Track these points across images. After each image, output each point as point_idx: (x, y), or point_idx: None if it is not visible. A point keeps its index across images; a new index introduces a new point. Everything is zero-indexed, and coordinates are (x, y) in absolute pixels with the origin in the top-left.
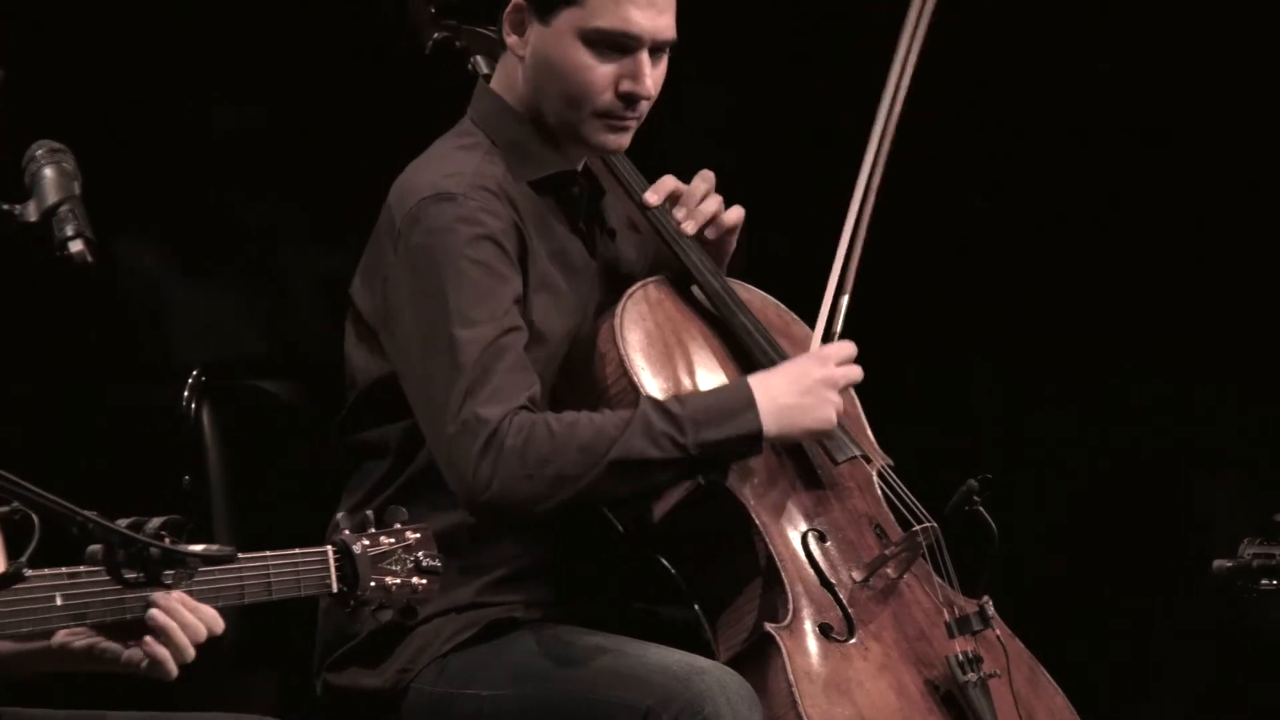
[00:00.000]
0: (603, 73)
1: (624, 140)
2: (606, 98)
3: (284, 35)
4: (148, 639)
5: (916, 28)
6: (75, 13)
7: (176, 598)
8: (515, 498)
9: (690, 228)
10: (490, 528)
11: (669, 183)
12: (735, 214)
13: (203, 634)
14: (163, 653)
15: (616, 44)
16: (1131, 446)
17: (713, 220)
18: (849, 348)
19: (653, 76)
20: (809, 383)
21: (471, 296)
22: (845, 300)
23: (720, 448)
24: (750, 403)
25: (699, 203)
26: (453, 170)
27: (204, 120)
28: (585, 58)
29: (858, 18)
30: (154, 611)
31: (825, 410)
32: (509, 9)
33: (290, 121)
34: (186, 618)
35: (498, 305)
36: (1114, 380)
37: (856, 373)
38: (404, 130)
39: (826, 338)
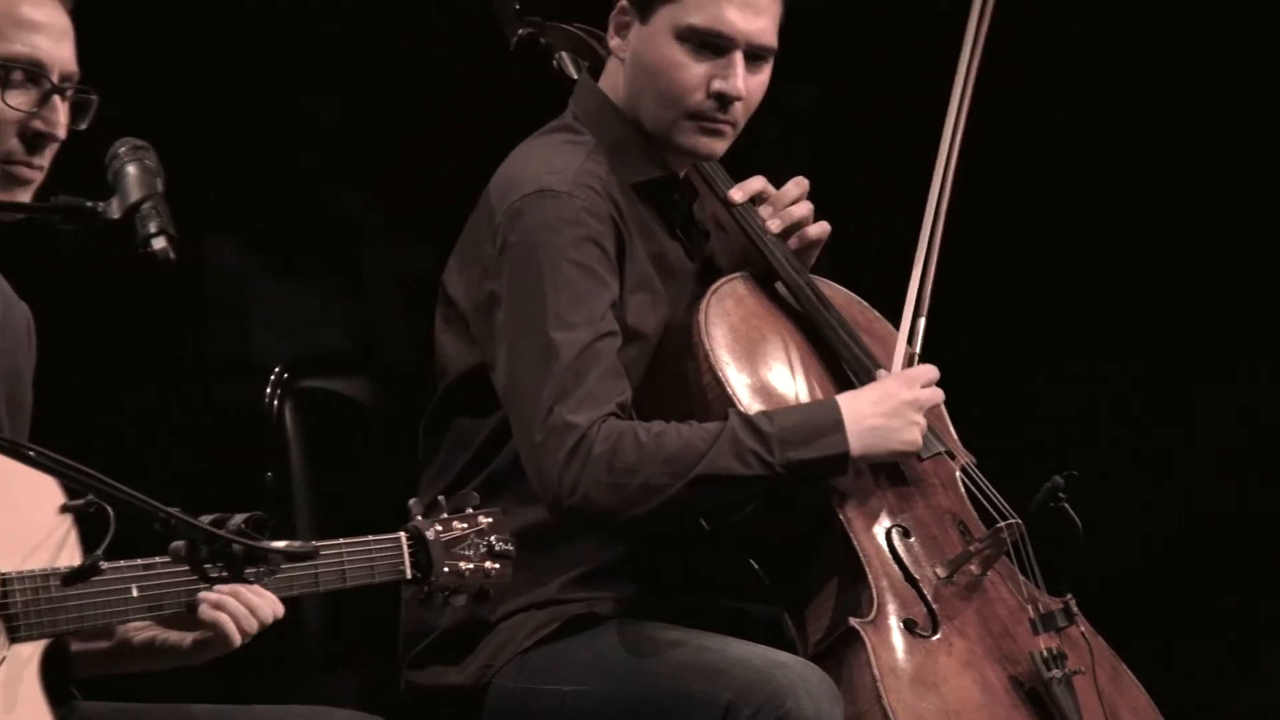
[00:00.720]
0: (695, 71)
1: (717, 146)
2: (698, 97)
3: (368, 30)
4: (203, 608)
5: (978, 33)
6: (159, 8)
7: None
8: (599, 506)
9: (775, 226)
10: (573, 528)
11: (757, 183)
12: (820, 228)
13: (266, 613)
14: (222, 616)
15: (710, 43)
16: (1212, 444)
17: (799, 225)
18: (933, 371)
19: (746, 80)
20: (896, 404)
21: (570, 299)
22: (923, 322)
23: (807, 468)
24: (839, 424)
25: (787, 205)
26: (558, 166)
27: (288, 116)
28: (679, 55)
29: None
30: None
31: (911, 433)
32: (614, 11)
33: (374, 117)
34: (247, 596)
35: (595, 309)
36: (1197, 379)
37: (940, 395)
38: (489, 127)
39: (906, 360)
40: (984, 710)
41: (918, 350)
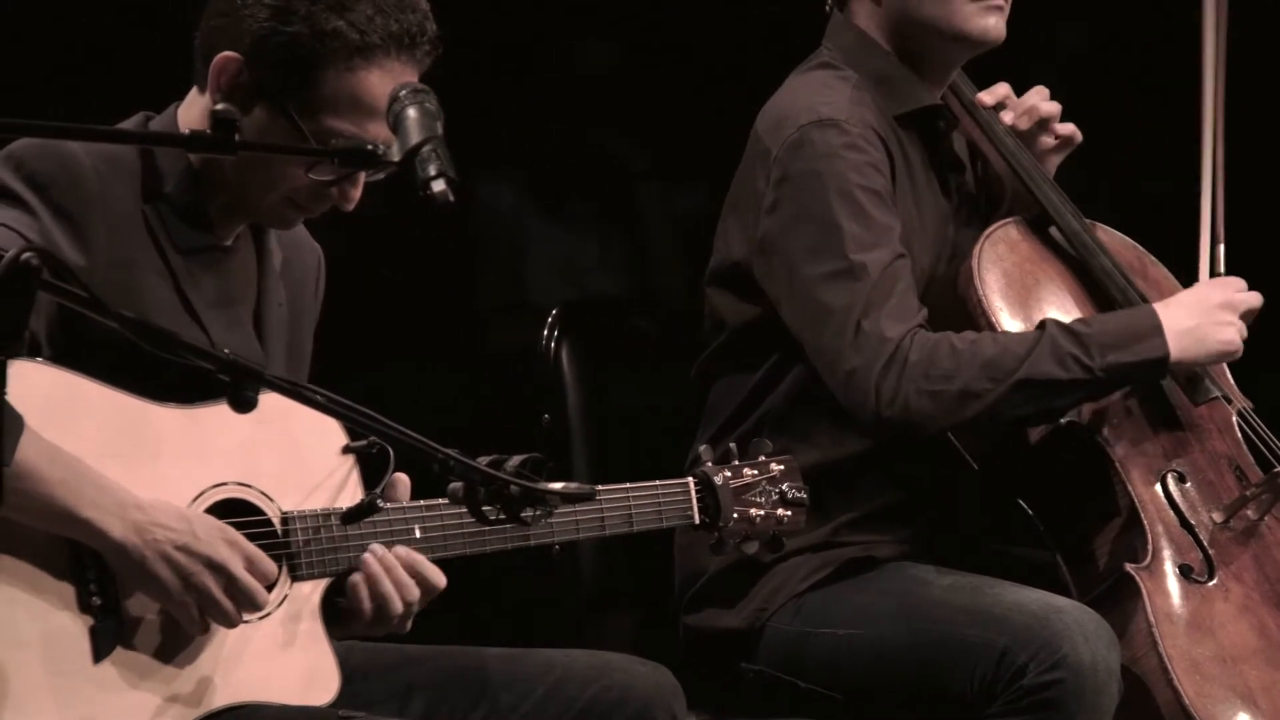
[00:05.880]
0: None
1: (1000, 24)
2: None
3: None
4: (355, 581)
5: None
6: None
7: (401, 556)
8: (919, 413)
9: (1011, 118)
10: (850, 467)
11: (1003, 88)
12: (1073, 128)
13: (414, 592)
14: (366, 605)
15: None
16: None
17: (1046, 121)
18: (1242, 282)
19: None
20: (1210, 306)
21: (864, 221)
22: (1221, 249)
23: (1127, 370)
24: (1157, 327)
25: (1030, 105)
26: (830, 98)
27: (563, 60)
28: None
29: None
30: (366, 557)
31: (1227, 333)
32: None
33: (646, 61)
34: (400, 574)
35: (888, 230)
36: None
37: (1256, 298)
38: (756, 70)
39: None
40: (1260, 655)
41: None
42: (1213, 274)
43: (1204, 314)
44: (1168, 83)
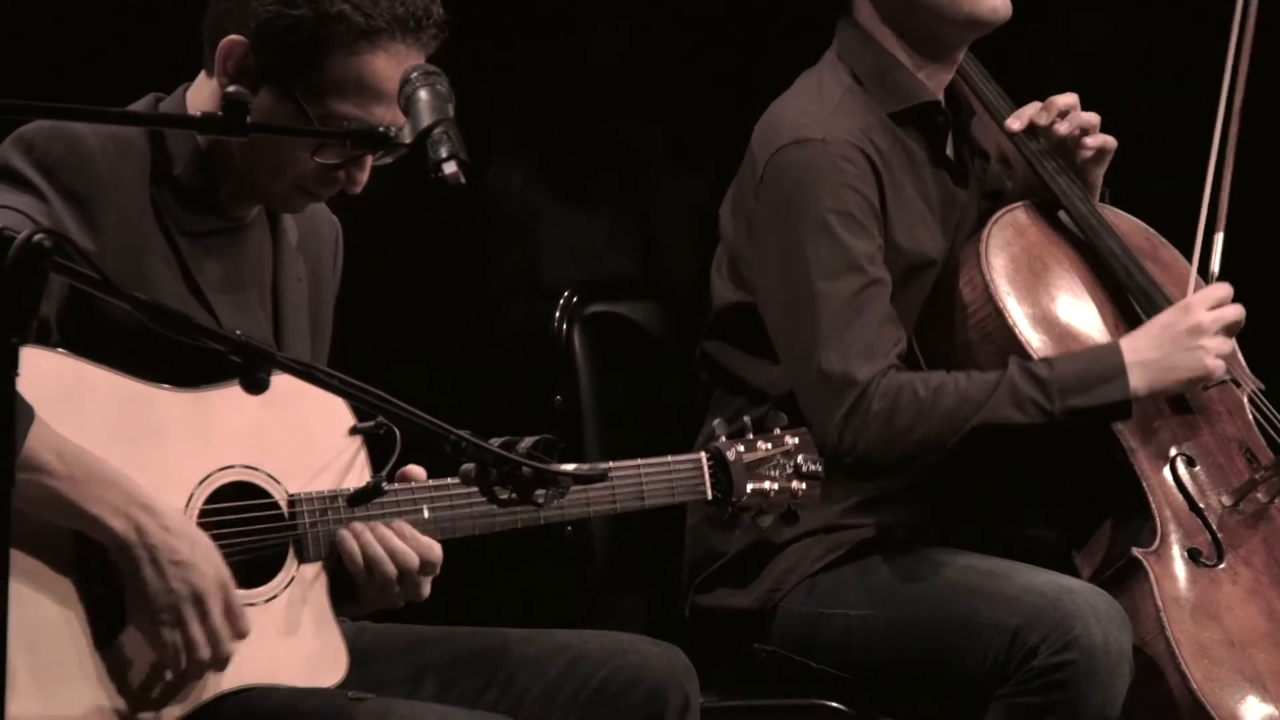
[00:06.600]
0: None
1: (1008, 5)
2: None
3: None
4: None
5: None
6: None
7: (396, 530)
8: (876, 462)
9: (1064, 128)
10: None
11: (1032, 109)
12: (1107, 138)
13: (412, 561)
14: (353, 547)
15: None
16: None
17: (1084, 131)
18: (1221, 290)
19: None
20: (1175, 334)
21: (833, 248)
22: (1220, 237)
23: (1087, 414)
24: (1120, 369)
25: (1065, 111)
26: (814, 109)
27: (574, 46)
28: None
29: None
30: (343, 533)
31: (1194, 359)
32: None
33: (655, 47)
34: (394, 544)
35: (859, 256)
36: None
37: (1232, 313)
38: (765, 56)
39: (1205, 278)
40: (1269, 639)
41: (1216, 269)
42: (1204, 262)
43: (1170, 342)
44: (1184, 74)
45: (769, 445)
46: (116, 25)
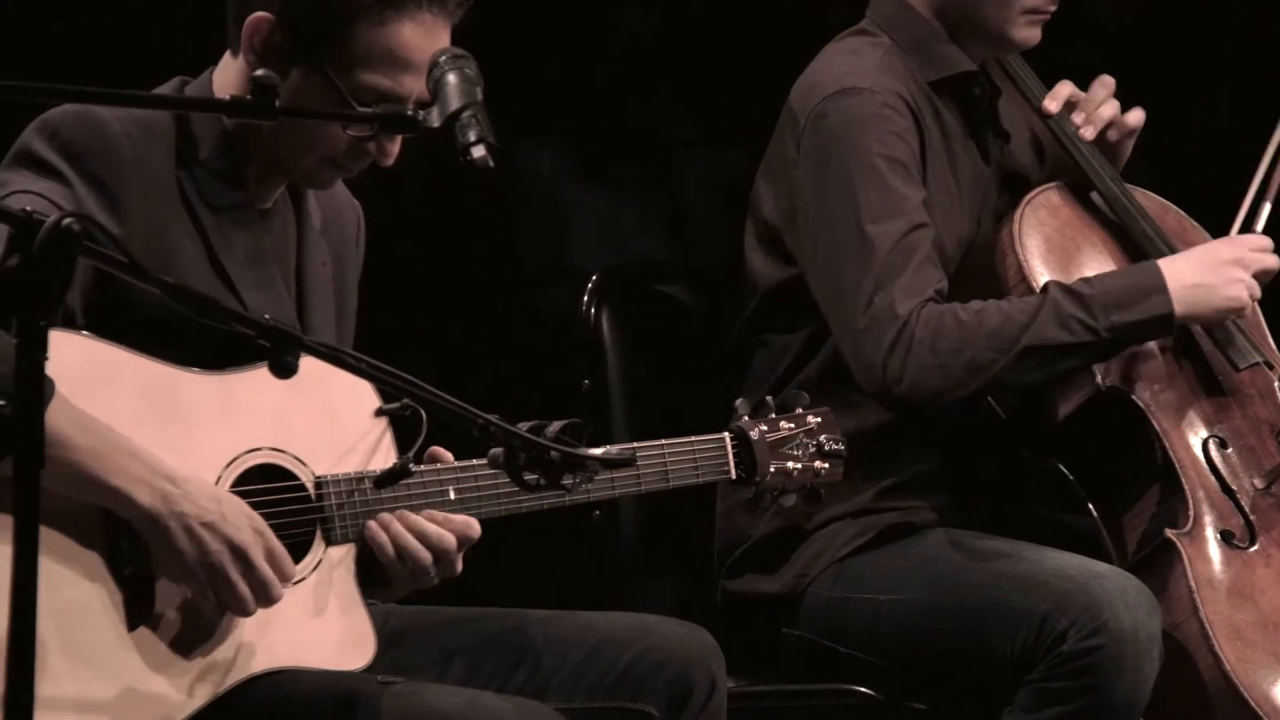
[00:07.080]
0: None
1: (1039, 35)
2: None
3: None
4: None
5: None
6: None
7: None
8: (927, 389)
9: (1089, 133)
10: (889, 433)
11: (1066, 89)
12: (1136, 116)
13: (449, 543)
14: (382, 536)
15: None
16: None
17: (1112, 124)
18: (1264, 240)
19: None
20: (1218, 261)
21: (881, 191)
22: (1267, 206)
23: (1131, 329)
24: (1160, 285)
25: (1097, 107)
26: (858, 65)
27: (603, 27)
28: None
29: None
30: (371, 525)
31: (1234, 289)
32: None
33: (684, 27)
34: (425, 528)
35: (907, 200)
36: None
37: (1272, 261)
38: (795, 35)
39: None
40: None
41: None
42: (1245, 229)
43: (1211, 270)
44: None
45: (792, 425)
46: (143, 8)
